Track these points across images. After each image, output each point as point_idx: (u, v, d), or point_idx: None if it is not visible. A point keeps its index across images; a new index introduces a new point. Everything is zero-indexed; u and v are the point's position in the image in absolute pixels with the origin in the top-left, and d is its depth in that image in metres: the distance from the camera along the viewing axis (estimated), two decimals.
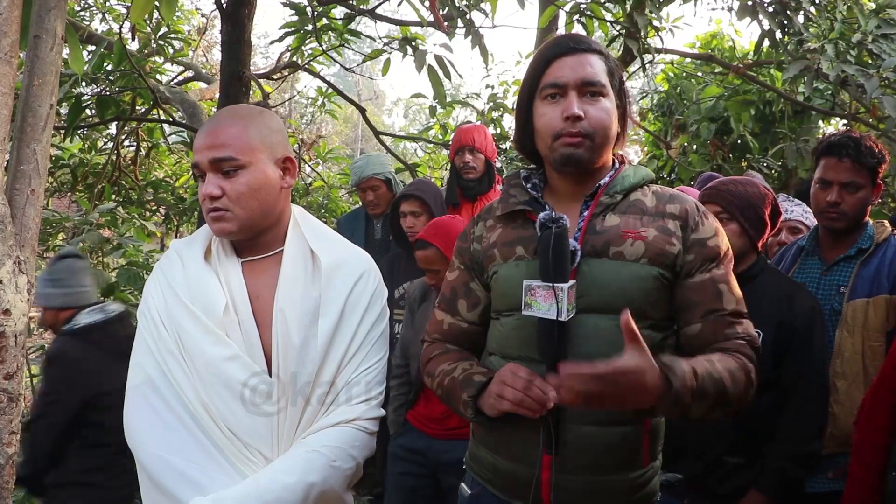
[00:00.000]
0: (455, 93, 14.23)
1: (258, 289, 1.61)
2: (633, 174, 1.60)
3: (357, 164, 3.87)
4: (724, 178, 2.36)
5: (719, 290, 1.51)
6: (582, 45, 1.54)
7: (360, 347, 1.64)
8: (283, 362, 1.56)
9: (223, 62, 4.26)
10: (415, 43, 4.93)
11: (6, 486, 1.84)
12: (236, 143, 1.54)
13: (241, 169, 1.55)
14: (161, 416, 1.51)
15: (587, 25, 4.83)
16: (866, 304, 2.24)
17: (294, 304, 1.59)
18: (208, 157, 1.53)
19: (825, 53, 4.18)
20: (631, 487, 1.53)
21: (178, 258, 1.64)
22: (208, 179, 1.54)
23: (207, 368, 1.52)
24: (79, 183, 6.25)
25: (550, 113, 1.52)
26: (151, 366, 1.55)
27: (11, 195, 1.87)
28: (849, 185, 2.30)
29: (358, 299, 1.66)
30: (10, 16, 1.79)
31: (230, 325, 1.55)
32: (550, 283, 1.44)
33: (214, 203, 1.54)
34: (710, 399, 1.37)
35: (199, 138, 1.57)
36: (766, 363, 2.14)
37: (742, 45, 7.27)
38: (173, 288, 1.58)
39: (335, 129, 21.98)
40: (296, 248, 1.66)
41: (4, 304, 1.79)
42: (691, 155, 6.46)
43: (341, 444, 1.57)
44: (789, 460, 2.11)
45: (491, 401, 1.48)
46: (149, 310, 1.60)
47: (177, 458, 1.48)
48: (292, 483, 1.49)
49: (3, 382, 1.81)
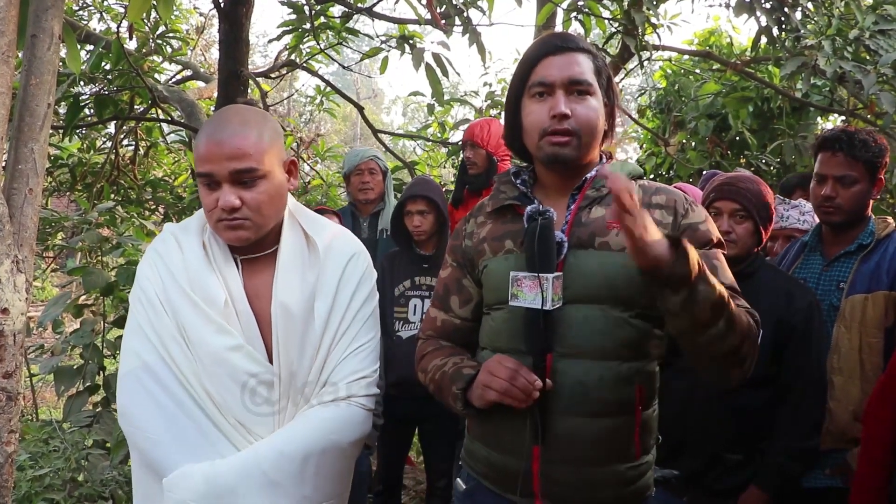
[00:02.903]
0: (453, 91, 14.23)
1: (256, 287, 1.62)
2: (619, 168, 1.62)
3: (355, 150, 3.89)
4: (735, 175, 2.35)
5: (713, 265, 1.51)
6: (569, 43, 1.57)
7: (350, 325, 1.66)
8: (284, 352, 1.57)
9: (221, 61, 4.26)
10: (412, 41, 4.93)
11: (5, 485, 1.84)
12: (256, 153, 1.51)
13: (260, 179, 1.53)
14: (158, 400, 1.50)
15: (585, 23, 4.83)
16: (865, 299, 2.24)
17: (293, 292, 1.60)
18: (229, 168, 1.49)
19: (822, 50, 4.17)
20: (622, 480, 1.54)
21: (175, 243, 1.61)
22: (226, 190, 1.50)
23: (211, 358, 1.52)
24: (77, 182, 6.25)
25: (538, 111, 1.55)
26: (148, 351, 1.53)
27: (9, 194, 1.87)
28: (843, 179, 2.30)
29: (349, 278, 1.68)
30: (7, 15, 1.80)
31: (230, 319, 1.55)
32: (536, 273, 1.47)
33: (233, 213, 1.52)
34: (716, 294, 1.34)
35: (209, 145, 1.50)
36: (764, 359, 2.15)
37: (740, 42, 7.26)
38: (173, 274, 1.56)
39: (333, 128, 21.99)
40: (293, 239, 1.67)
41: (3, 304, 1.80)
42: (689, 152, 6.45)
43: (336, 418, 1.60)
44: (788, 456, 2.12)
45: (479, 391, 1.50)
46: (145, 293, 1.57)
47: (178, 441, 1.49)
48: (290, 451, 1.52)
49: (2, 381, 1.81)
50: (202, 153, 1.50)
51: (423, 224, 3.11)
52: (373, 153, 3.77)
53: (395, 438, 3.34)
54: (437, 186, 3.30)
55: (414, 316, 3.12)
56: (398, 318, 3.13)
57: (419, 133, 7.44)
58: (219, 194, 1.51)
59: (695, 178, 6.26)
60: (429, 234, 3.13)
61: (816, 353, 2.18)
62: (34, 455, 3.90)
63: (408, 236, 3.18)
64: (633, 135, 8.42)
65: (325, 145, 7.66)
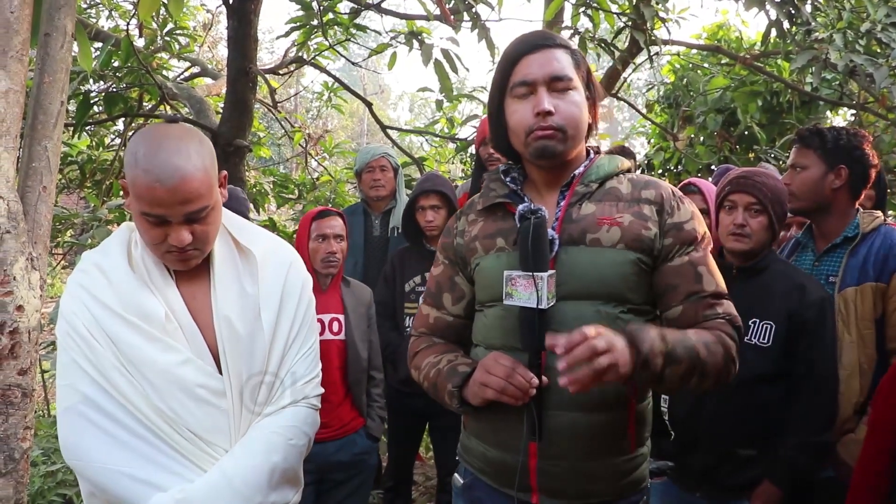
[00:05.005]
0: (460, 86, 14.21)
1: (194, 295, 1.61)
2: (607, 163, 1.64)
3: (367, 147, 3.88)
4: (751, 169, 2.37)
5: (698, 273, 1.54)
6: (547, 41, 1.58)
7: (298, 332, 1.70)
8: (233, 362, 1.58)
9: (230, 58, 4.27)
10: (421, 37, 4.93)
11: (21, 481, 1.85)
12: (207, 190, 1.48)
13: (211, 211, 1.51)
14: (107, 431, 1.48)
15: (593, 17, 4.81)
16: (855, 292, 2.27)
17: (234, 304, 1.61)
18: (183, 211, 1.45)
19: (833, 43, 4.15)
20: (617, 473, 1.55)
21: (98, 272, 1.57)
22: (177, 230, 1.47)
23: (161, 376, 1.50)
24: (87, 179, 6.26)
25: (522, 110, 1.56)
26: (86, 384, 1.50)
27: (24, 192, 1.88)
28: (794, 167, 2.44)
29: (291, 289, 1.71)
30: (21, 14, 1.81)
31: (174, 333, 1.54)
32: (530, 272, 1.47)
33: (185, 248, 1.50)
34: (684, 365, 1.39)
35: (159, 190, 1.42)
36: (776, 354, 2.15)
37: (749, 36, 7.23)
38: (102, 301, 1.53)
39: (341, 124, 22.01)
40: (224, 249, 1.66)
41: (18, 301, 1.81)
42: (698, 146, 6.43)
43: (295, 422, 1.64)
44: (800, 451, 2.11)
45: (475, 389, 1.52)
46: (73, 328, 1.52)
47: (132, 468, 1.46)
48: (258, 464, 1.54)
49: (17, 378, 1.83)
50: (151, 197, 1.43)
51: (436, 219, 3.11)
52: (384, 150, 3.77)
53: (405, 434, 3.35)
54: (448, 182, 3.30)
55: None
56: (408, 314, 3.14)
57: (427, 129, 7.44)
58: (167, 230, 1.48)
59: (703, 173, 6.24)
60: (441, 229, 3.12)
61: (828, 347, 2.18)
62: (46, 451, 3.93)
63: (418, 232, 3.19)
64: (641, 130, 8.38)
65: (333, 141, 7.66)
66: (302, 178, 7.31)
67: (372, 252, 3.69)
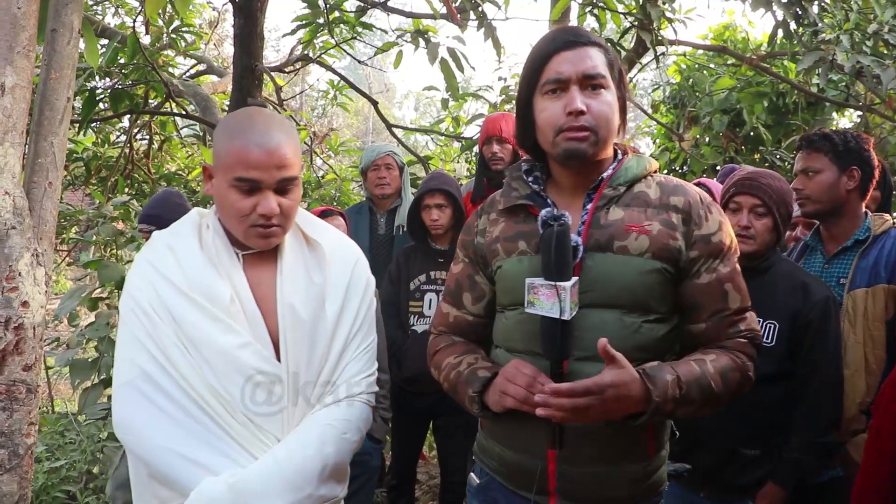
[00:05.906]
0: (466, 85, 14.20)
1: (259, 281, 1.62)
2: (636, 165, 1.59)
3: (372, 145, 3.87)
4: (757, 170, 2.36)
5: (724, 291, 1.52)
6: (581, 38, 1.53)
7: (360, 328, 1.70)
8: (293, 350, 1.58)
9: (236, 55, 4.27)
10: (427, 35, 4.93)
11: (25, 477, 1.86)
12: (296, 161, 1.55)
13: (296, 186, 1.56)
14: (162, 409, 1.48)
15: (600, 17, 4.81)
16: (866, 293, 2.27)
17: (299, 292, 1.61)
18: (277, 176, 1.50)
19: (840, 44, 4.14)
20: (636, 477, 1.54)
21: (167, 250, 1.60)
22: (268, 198, 1.51)
23: (220, 357, 1.51)
24: (92, 176, 6.28)
25: (552, 108, 1.51)
26: (146, 360, 1.51)
27: (29, 188, 1.88)
28: (806, 171, 2.41)
29: (357, 284, 1.72)
30: (28, 10, 1.81)
31: (236, 315, 1.55)
32: (553, 281, 1.43)
33: (271, 220, 1.53)
34: (696, 403, 1.43)
35: (258, 153, 1.49)
36: (780, 354, 2.15)
37: (755, 37, 7.22)
38: (169, 279, 1.55)
39: (346, 122, 22.02)
40: (293, 238, 1.68)
41: (23, 297, 1.81)
42: (704, 147, 6.42)
43: (349, 417, 1.63)
44: (805, 451, 2.11)
45: (496, 397, 1.49)
46: (137, 303, 1.54)
47: (185, 448, 1.47)
48: (310, 455, 1.53)
49: (22, 374, 1.83)
50: (251, 159, 1.48)
51: (441, 218, 3.10)
52: (390, 149, 3.76)
53: (408, 433, 3.35)
54: (453, 181, 3.30)
55: (429, 310, 3.12)
56: (413, 312, 3.14)
57: (433, 128, 7.44)
58: (257, 199, 1.51)
59: (708, 174, 6.23)
60: (446, 227, 3.13)
61: (833, 347, 2.18)
62: (50, 447, 3.95)
63: (424, 230, 3.18)
64: (646, 130, 8.37)
65: (338, 140, 7.67)
66: (307, 176, 7.31)
67: (377, 250, 3.69)
